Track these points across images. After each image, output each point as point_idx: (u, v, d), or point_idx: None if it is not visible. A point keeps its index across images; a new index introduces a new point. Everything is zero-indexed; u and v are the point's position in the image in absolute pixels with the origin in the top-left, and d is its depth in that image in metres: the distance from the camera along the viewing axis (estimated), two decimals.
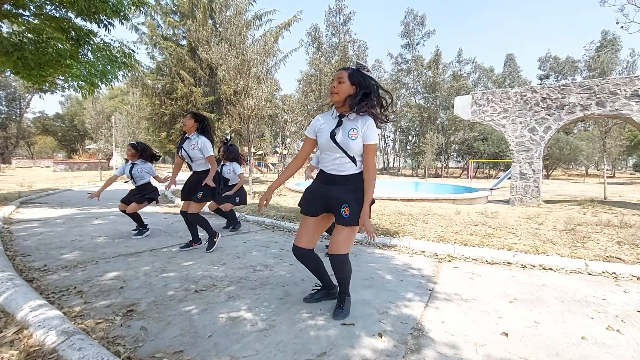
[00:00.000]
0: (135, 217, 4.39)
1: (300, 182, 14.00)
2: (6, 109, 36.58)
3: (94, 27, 6.65)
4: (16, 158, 39.27)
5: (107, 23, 6.58)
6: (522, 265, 3.20)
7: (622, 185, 21.70)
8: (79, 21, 6.66)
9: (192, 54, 14.26)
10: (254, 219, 5.53)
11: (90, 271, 2.91)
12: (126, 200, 4.43)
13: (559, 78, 40.19)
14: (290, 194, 9.53)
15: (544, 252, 3.40)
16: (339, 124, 2.00)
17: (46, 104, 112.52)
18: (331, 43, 37.65)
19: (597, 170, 39.16)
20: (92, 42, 6.84)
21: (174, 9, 15.18)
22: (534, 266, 3.16)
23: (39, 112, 42.82)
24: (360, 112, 1.95)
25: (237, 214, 5.97)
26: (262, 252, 3.68)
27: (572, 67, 39.72)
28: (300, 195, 2.34)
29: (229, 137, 5.06)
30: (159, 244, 3.98)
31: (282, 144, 25.59)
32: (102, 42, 6.99)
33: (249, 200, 7.21)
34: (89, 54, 6.92)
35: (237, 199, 4.89)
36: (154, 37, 13.81)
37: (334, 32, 37.60)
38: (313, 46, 37.35)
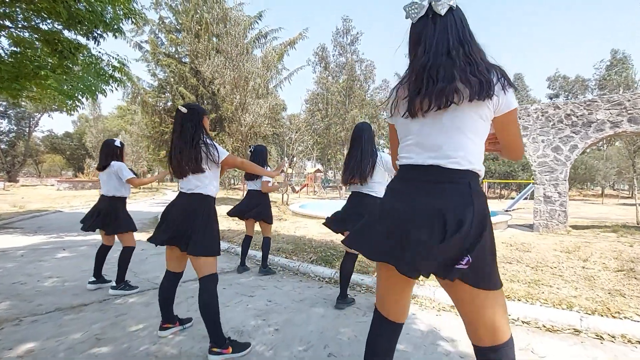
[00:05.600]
0: None
1: (304, 204, 12.82)
2: (15, 128, 36.94)
3: (82, 40, 6.19)
4: (24, 176, 39.35)
5: (96, 35, 6.11)
6: (597, 334, 2.30)
7: None
8: (68, 34, 6.20)
9: (195, 71, 13.92)
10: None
11: (5, 337, 2.14)
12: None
13: (569, 97, 39.50)
14: (292, 219, 8.62)
15: (618, 313, 2.52)
16: None
17: (56, 123, 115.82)
18: (338, 62, 37.75)
19: (614, 190, 37.66)
20: (79, 55, 6.34)
21: (177, 27, 15.04)
22: (613, 337, 2.26)
23: (48, 131, 43.33)
24: None
25: (228, 245, 5.13)
26: (242, 305, 2.85)
27: (582, 85, 39.05)
28: (304, 219, 1.51)
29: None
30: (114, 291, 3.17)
31: (289, 162, 24.96)
32: (89, 55, 6.49)
33: (235, 227, 6.37)
34: (75, 67, 6.41)
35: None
36: (156, 54, 13.52)
37: (341, 52, 37.77)
38: (320, 65, 37.52)
